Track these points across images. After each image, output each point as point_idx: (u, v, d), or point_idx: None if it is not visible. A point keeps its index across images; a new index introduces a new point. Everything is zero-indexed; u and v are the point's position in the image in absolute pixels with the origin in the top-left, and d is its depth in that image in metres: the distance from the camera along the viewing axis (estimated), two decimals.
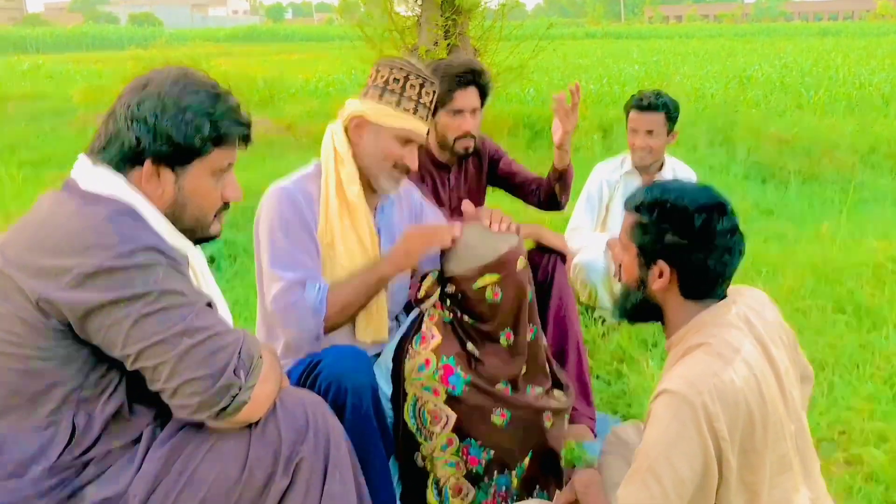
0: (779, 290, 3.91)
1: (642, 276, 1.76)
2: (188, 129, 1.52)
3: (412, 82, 2.16)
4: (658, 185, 1.76)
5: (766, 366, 1.65)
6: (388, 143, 2.19)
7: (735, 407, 1.54)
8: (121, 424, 1.52)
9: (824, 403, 2.91)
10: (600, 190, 3.81)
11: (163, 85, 1.53)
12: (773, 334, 1.75)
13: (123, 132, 1.51)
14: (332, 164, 2.21)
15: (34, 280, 1.39)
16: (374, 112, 2.17)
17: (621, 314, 1.87)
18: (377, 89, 2.18)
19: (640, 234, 1.72)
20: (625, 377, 3.24)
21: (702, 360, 1.60)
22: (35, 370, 1.43)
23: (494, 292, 2.15)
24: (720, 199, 1.69)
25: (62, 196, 1.52)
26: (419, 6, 7.69)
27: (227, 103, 1.58)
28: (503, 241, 2.18)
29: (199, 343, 1.44)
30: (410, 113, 2.17)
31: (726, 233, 1.65)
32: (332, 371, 1.97)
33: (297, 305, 2.08)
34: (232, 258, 4.71)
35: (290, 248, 2.12)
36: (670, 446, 1.52)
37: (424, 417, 2.17)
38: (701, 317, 1.70)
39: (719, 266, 1.67)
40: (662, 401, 1.56)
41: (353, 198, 2.19)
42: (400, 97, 2.16)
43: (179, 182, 1.57)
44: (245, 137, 1.64)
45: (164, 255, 1.46)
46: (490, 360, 2.18)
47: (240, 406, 1.48)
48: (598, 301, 3.64)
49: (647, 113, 3.56)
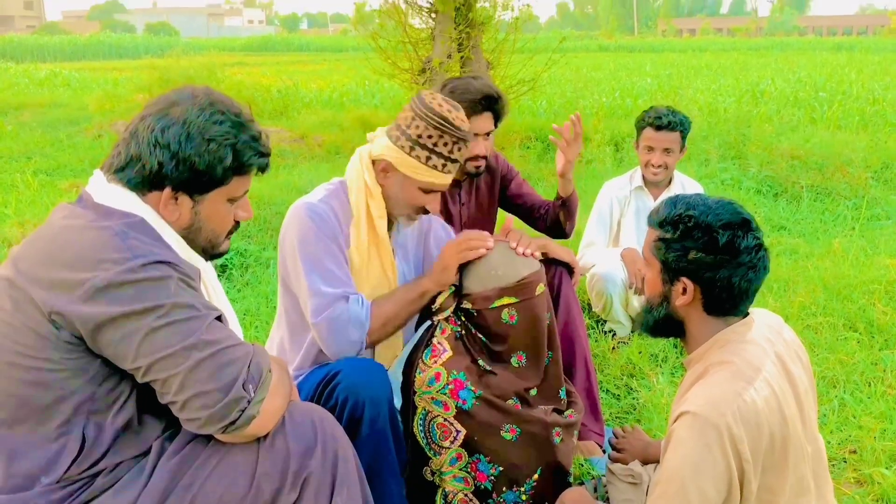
0: (790, 305, 3.89)
1: (665, 291, 1.75)
2: (211, 159, 1.54)
3: (445, 140, 2.13)
4: (682, 199, 1.74)
5: (786, 385, 1.64)
6: (412, 192, 2.20)
7: (758, 428, 1.53)
8: (130, 437, 1.53)
9: (835, 421, 2.89)
10: (610, 207, 3.81)
11: (189, 111, 1.54)
12: (793, 353, 1.75)
13: (145, 156, 1.52)
14: (363, 194, 2.21)
15: (47, 292, 1.40)
16: (402, 163, 2.16)
17: (644, 329, 1.86)
18: (409, 140, 2.14)
19: (664, 251, 1.71)
20: (634, 392, 3.23)
21: (724, 380, 1.59)
22: (46, 382, 1.44)
23: (511, 315, 2.17)
24: (745, 215, 1.68)
25: (76, 209, 1.54)
26: (433, 19, 7.71)
27: (249, 132, 1.60)
28: (525, 265, 2.19)
29: (209, 356, 1.45)
30: (439, 170, 2.16)
31: (751, 250, 1.64)
32: (350, 383, 1.98)
33: (342, 318, 2.09)
34: (244, 268, 4.73)
35: (327, 263, 2.13)
36: (696, 469, 1.51)
37: (434, 432, 2.17)
38: (723, 333, 1.70)
39: (744, 283, 1.66)
40: (686, 422, 1.55)
41: (381, 232, 2.22)
42: (430, 154, 2.13)
43: (196, 207, 1.60)
44: (263, 167, 1.66)
45: (175, 268, 1.48)
46: (501, 375, 2.19)
47: (248, 420, 1.49)
48: (612, 313, 3.64)
49: (665, 132, 3.55)
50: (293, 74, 19.73)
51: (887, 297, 3.97)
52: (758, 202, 6.44)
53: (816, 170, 7.13)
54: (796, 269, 4.53)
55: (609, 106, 11.40)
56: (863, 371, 3.27)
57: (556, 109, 11.00)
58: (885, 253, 4.82)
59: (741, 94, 13.07)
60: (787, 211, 6.36)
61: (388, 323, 2.18)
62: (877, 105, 11.29)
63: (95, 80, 19.58)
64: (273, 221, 5.44)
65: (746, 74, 18.27)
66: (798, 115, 10.41)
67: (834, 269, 4.42)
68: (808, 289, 4.11)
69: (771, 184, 6.93)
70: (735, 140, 7.84)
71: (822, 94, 12.59)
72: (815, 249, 5.09)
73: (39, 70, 23.01)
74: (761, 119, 9.60)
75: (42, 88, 17.92)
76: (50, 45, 42.57)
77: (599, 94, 12.79)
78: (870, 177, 6.93)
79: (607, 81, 16.34)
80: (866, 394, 3.09)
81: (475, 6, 7.51)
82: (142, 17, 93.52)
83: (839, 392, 3.11)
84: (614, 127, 9.12)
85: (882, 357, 3.39)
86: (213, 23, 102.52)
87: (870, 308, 3.84)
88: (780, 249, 5.16)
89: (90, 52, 44.41)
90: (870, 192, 6.65)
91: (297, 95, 13.67)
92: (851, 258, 4.71)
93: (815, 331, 3.68)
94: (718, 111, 10.47)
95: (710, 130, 8.18)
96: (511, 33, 8.07)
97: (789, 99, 12.33)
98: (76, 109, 12.66)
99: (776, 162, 7.28)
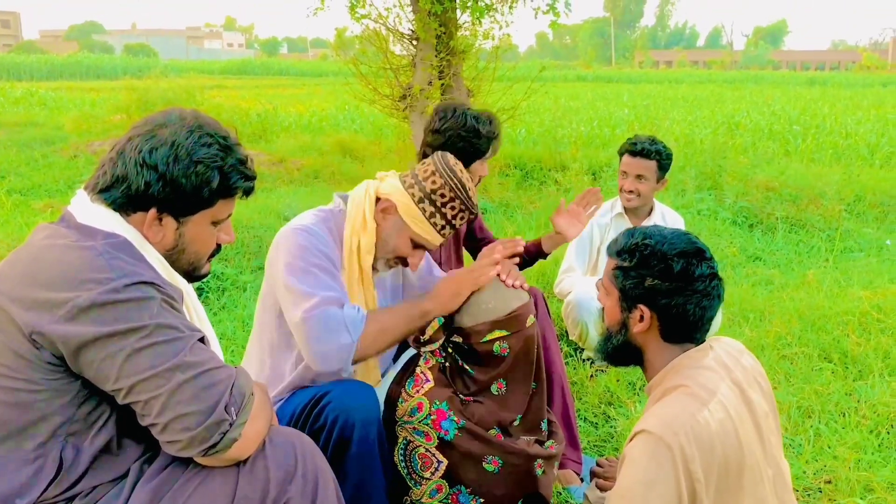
0: (766, 335, 3.93)
1: (624, 319, 1.81)
2: (198, 181, 1.54)
3: (454, 205, 2.15)
4: (639, 230, 1.82)
5: (743, 409, 1.68)
6: (403, 240, 2.20)
7: (710, 449, 1.56)
8: (108, 460, 1.51)
9: (811, 452, 2.92)
10: (591, 233, 3.84)
11: (178, 133, 1.54)
12: (751, 379, 1.79)
13: (132, 176, 1.52)
14: (358, 225, 2.20)
15: (28, 313, 1.39)
16: (406, 210, 2.16)
17: (603, 356, 1.92)
18: (421, 191, 2.15)
19: (622, 278, 1.78)
20: (612, 420, 3.23)
21: (678, 401, 1.63)
22: (24, 403, 1.42)
23: (502, 347, 2.18)
24: (699, 244, 1.75)
25: (58, 229, 1.52)
26: (414, 46, 7.77)
27: (236, 156, 1.61)
28: (516, 297, 2.21)
29: (192, 378, 1.43)
30: (437, 229, 2.18)
31: (705, 278, 1.71)
32: (340, 404, 1.97)
33: (335, 318, 1.98)
34: (220, 291, 4.69)
35: (323, 274, 2.07)
36: (647, 488, 1.54)
37: (415, 462, 2.16)
38: (679, 360, 1.75)
39: (698, 310, 1.72)
40: (639, 441, 1.59)
41: (366, 266, 2.21)
42: (436, 211, 2.15)
43: (181, 229, 1.60)
44: (249, 191, 1.67)
45: (159, 289, 1.47)
46: (483, 406, 2.19)
47: (230, 443, 1.47)
48: (588, 341, 3.65)
49: (640, 159, 3.60)
50: (272, 98, 19.77)
51: (861, 329, 4.02)
52: (734, 232, 6.53)
53: (791, 201, 7.24)
54: (771, 300, 4.58)
55: (587, 135, 11.51)
56: (837, 402, 3.30)
57: (534, 138, 11.09)
58: (859, 285, 4.89)
59: (717, 125, 13.26)
60: (763, 242, 6.44)
61: (381, 334, 2.07)
62: (849, 139, 11.51)
63: (72, 99, 19.50)
64: (250, 245, 5.41)
65: (722, 106, 18.54)
66: (773, 148, 10.59)
67: (808, 300, 4.48)
68: (784, 319, 4.15)
69: (747, 214, 7.03)
70: (711, 171, 7.95)
71: (797, 127, 12.81)
72: (789, 280, 5.16)
73: (15, 89, 22.84)
74: (737, 151, 9.74)
75: (17, 107, 17.81)
76: (26, 64, 42.33)
77: (577, 123, 12.91)
78: (843, 209, 7.05)
79: (585, 111, 16.51)
80: (841, 424, 3.12)
81: (456, 34, 7.58)
82: (120, 38, 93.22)
83: (814, 422, 3.14)
84: (592, 156, 9.21)
85: (856, 388, 3.42)
86: (193, 45, 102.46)
87: (844, 339, 3.89)
88: (756, 280, 5.22)
89: (67, 71, 44.20)
90: (843, 224, 6.76)
91: (276, 119, 13.70)
92: (826, 289, 4.78)
93: (790, 361, 3.71)
94: (695, 142, 10.61)
95: (687, 161, 8.29)
96: (491, 62, 8.15)
97: (764, 131, 12.53)
98: (52, 129, 12.59)
99: (752, 193, 7.39)
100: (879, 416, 3.16)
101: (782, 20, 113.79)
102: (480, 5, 7.21)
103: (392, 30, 7.87)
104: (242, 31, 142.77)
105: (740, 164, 8.29)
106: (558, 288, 3.86)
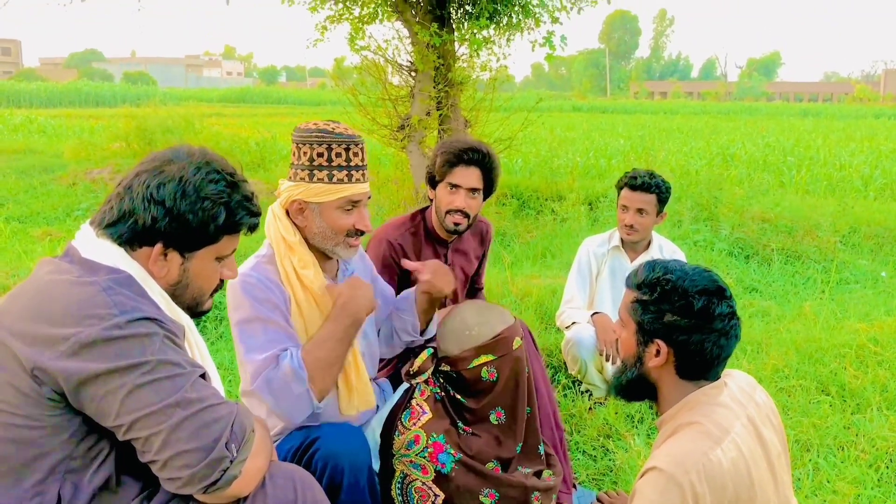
0: (764, 368, 3.93)
1: (639, 352, 1.79)
2: (205, 217, 1.56)
3: (336, 150, 2.11)
4: (660, 264, 1.80)
5: (757, 448, 1.67)
6: (334, 216, 2.15)
7: (722, 488, 1.55)
8: (107, 497, 1.50)
9: (810, 486, 2.90)
10: (589, 263, 3.84)
11: (185, 169, 1.56)
12: (764, 416, 1.77)
13: (139, 211, 1.53)
14: (283, 252, 2.17)
15: (30, 348, 1.39)
16: (310, 193, 2.13)
17: (616, 391, 1.89)
18: (304, 169, 2.13)
19: (641, 312, 1.76)
20: (611, 453, 3.22)
21: (691, 439, 1.61)
22: (24, 439, 1.42)
23: (490, 373, 2.16)
24: (720, 283, 1.74)
25: (61, 264, 1.53)
26: (413, 77, 7.82)
27: (242, 192, 1.63)
28: (499, 321, 2.19)
29: (193, 415, 1.43)
30: (346, 182, 2.13)
31: (725, 317, 1.70)
32: (329, 449, 1.96)
33: (276, 379, 1.99)
34: (217, 320, 4.69)
35: (260, 332, 2.05)
36: None
37: (411, 495, 2.14)
38: (694, 395, 1.73)
39: (716, 349, 1.70)
40: (650, 478, 1.57)
41: (309, 283, 2.16)
42: (330, 170, 2.11)
43: (186, 265, 1.61)
44: (254, 227, 1.68)
45: (161, 325, 1.47)
46: (481, 438, 2.18)
47: (230, 480, 1.47)
48: (587, 376, 3.65)
49: (640, 192, 3.60)
50: (271, 126, 19.83)
51: (858, 361, 4.02)
52: (730, 264, 6.54)
53: (786, 233, 7.27)
54: (769, 332, 4.58)
55: (583, 165, 11.57)
56: (836, 435, 3.29)
57: (531, 168, 11.15)
58: (855, 317, 4.90)
59: (712, 156, 13.34)
60: (759, 273, 6.46)
61: (327, 366, 2.03)
62: (843, 171, 11.59)
63: (71, 127, 19.55)
64: None
65: (717, 138, 18.66)
66: (768, 179, 10.63)
67: (805, 332, 4.48)
68: (781, 351, 4.15)
69: (742, 246, 7.05)
70: (707, 202, 7.98)
71: (791, 158, 12.91)
72: (786, 312, 5.17)
73: (14, 116, 22.93)
74: (732, 182, 9.79)
75: (17, 134, 17.87)
76: (26, 92, 42.51)
77: (574, 153, 12.97)
78: (838, 241, 7.08)
79: (581, 141, 16.59)
80: (840, 458, 3.11)
81: (454, 66, 7.64)
82: (120, 66, 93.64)
83: (813, 456, 3.13)
84: (588, 186, 9.26)
85: (854, 421, 3.41)
86: (192, 73, 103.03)
87: (841, 372, 3.88)
88: (753, 311, 5.23)
89: (67, 99, 44.38)
90: (838, 255, 6.79)
91: (275, 148, 13.74)
92: (822, 321, 4.78)
93: (788, 393, 3.71)
94: (690, 173, 10.66)
95: (683, 192, 8.33)
96: (488, 92, 8.20)
97: (759, 163, 12.61)
98: (51, 156, 12.62)
99: (747, 224, 7.42)
100: (878, 450, 3.15)
101: (776, 52, 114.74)
102: (478, 38, 7.27)
103: (391, 61, 7.93)
104: (241, 59, 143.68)
105: (735, 195, 8.33)
106: (559, 320, 3.86)
